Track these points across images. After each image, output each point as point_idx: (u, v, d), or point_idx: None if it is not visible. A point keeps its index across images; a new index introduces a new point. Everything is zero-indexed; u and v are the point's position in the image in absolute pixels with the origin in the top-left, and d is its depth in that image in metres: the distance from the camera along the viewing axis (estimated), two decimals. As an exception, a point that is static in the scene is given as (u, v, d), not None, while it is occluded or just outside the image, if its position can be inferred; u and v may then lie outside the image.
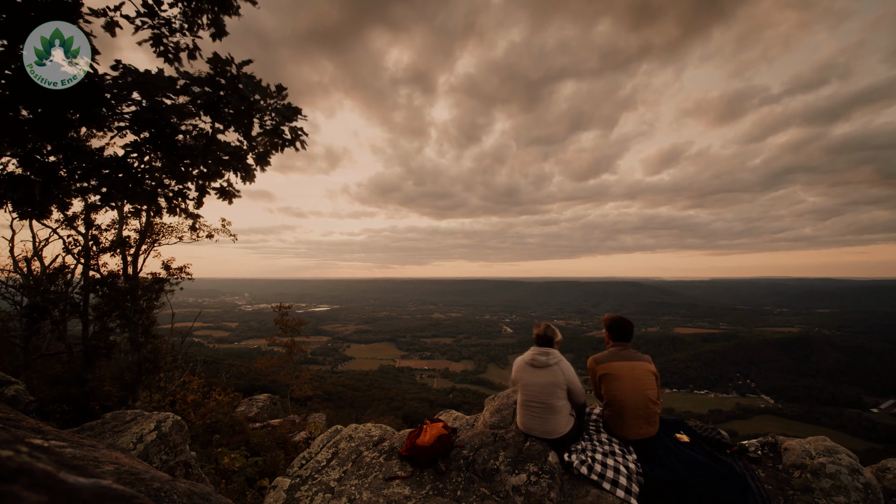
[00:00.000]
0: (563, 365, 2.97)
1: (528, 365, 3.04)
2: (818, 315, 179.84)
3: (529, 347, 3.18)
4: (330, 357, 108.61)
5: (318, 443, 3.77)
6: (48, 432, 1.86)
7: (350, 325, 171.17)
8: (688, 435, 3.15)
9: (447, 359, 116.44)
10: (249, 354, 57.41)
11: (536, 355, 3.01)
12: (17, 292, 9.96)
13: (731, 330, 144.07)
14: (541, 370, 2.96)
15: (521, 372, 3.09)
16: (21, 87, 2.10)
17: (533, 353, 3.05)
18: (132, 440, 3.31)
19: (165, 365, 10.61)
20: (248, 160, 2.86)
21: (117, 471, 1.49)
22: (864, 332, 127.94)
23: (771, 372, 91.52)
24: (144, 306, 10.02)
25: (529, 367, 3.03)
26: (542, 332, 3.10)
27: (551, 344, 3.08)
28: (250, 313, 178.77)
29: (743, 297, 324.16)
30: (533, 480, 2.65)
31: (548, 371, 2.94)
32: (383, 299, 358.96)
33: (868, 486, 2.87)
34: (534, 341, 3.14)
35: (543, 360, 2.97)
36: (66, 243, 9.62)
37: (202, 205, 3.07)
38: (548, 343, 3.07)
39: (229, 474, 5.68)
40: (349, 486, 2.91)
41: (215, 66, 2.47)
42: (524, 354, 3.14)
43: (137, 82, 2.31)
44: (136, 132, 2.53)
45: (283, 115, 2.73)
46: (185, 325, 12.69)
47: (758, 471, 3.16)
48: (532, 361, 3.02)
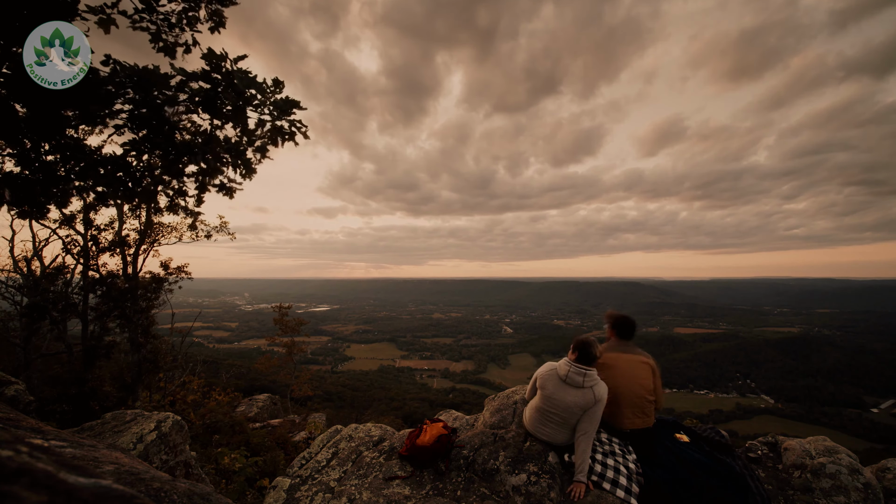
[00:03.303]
0: (598, 389, 2.71)
1: (561, 380, 2.78)
2: (818, 315, 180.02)
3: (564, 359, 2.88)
4: (330, 357, 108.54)
5: (318, 443, 3.77)
6: (48, 432, 1.86)
7: (350, 325, 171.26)
8: (687, 435, 3.16)
9: (447, 359, 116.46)
10: (249, 354, 57.38)
11: (574, 374, 2.73)
12: (17, 292, 9.97)
13: (731, 330, 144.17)
14: (574, 389, 2.73)
15: (548, 382, 2.85)
16: (17, 84, 2.09)
17: (570, 370, 2.76)
18: (132, 440, 3.31)
19: (165, 365, 10.61)
20: (247, 154, 2.86)
21: (117, 471, 1.48)
22: (864, 332, 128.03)
23: (771, 372, 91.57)
24: (144, 306, 10.01)
25: (562, 383, 2.78)
26: (587, 348, 2.77)
27: (592, 363, 2.77)
28: (250, 313, 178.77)
29: (743, 297, 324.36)
30: (533, 480, 2.65)
31: (580, 392, 2.70)
32: (383, 299, 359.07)
33: (868, 486, 2.87)
34: (573, 352, 2.82)
35: (580, 380, 2.71)
36: (66, 243, 9.62)
37: (203, 202, 3.06)
38: (590, 361, 2.76)
39: (229, 474, 5.68)
40: (349, 486, 2.91)
41: (210, 61, 2.46)
42: (559, 364, 2.88)
43: (131, 78, 2.30)
44: (135, 130, 2.53)
45: (281, 108, 2.73)
46: (185, 325, 12.68)
47: (758, 471, 3.16)
48: (567, 379, 2.75)
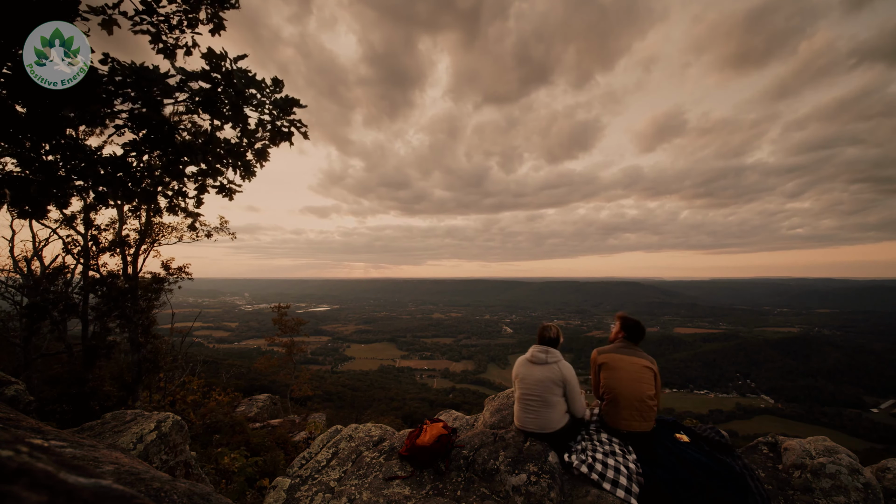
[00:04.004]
0: (562, 364, 3.06)
1: (528, 361, 3.14)
2: (818, 315, 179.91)
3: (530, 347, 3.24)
4: (330, 357, 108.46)
5: (318, 443, 3.77)
6: (48, 432, 1.86)
7: (350, 325, 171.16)
8: (687, 435, 3.16)
9: (447, 359, 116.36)
10: (249, 354, 57.34)
11: (536, 352, 3.11)
12: (17, 292, 9.96)
13: (731, 330, 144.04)
14: (539, 366, 3.06)
15: (520, 367, 3.18)
16: (17, 84, 2.09)
17: (533, 351, 3.15)
18: (132, 440, 3.31)
19: (165, 365, 10.61)
20: (247, 156, 2.86)
21: (117, 471, 1.49)
22: (864, 332, 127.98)
23: (771, 372, 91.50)
24: (144, 306, 10.01)
25: (528, 363, 3.13)
26: (545, 331, 3.20)
27: (554, 344, 3.16)
28: (250, 313, 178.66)
29: (743, 297, 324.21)
30: (533, 480, 2.65)
31: (546, 367, 3.03)
32: (383, 299, 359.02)
33: (868, 486, 2.87)
34: (537, 340, 3.22)
35: (543, 357, 3.06)
36: (66, 243, 9.62)
37: (202, 203, 3.06)
38: (550, 343, 3.16)
39: (229, 474, 5.68)
40: (349, 486, 2.91)
41: (210, 60, 2.46)
42: (526, 352, 3.22)
43: (130, 77, 2.30)
44: (135, 131, 2.53)
45: (281, 107, 2.72)
46: (185, 325, 12.68)
47: (758, 471, 3.16)
48: (532, 358, 3.11)
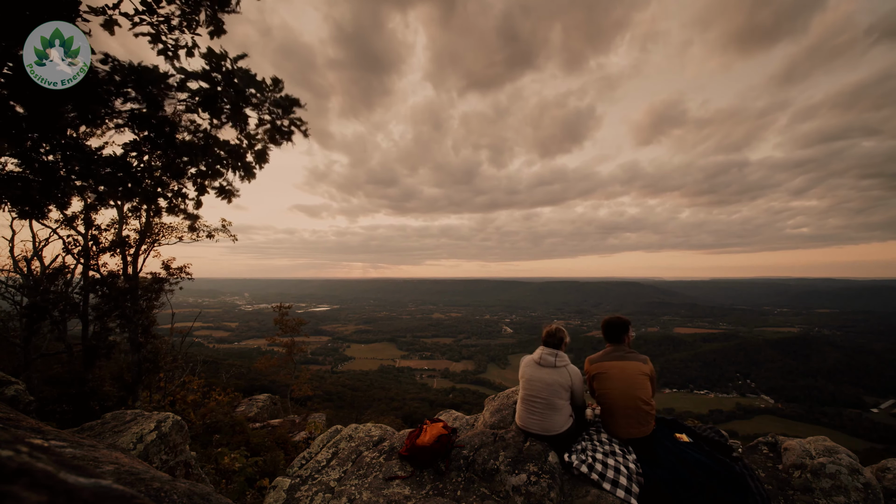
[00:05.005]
0: (570, 368, 3.04)
1: (536, 363, 3.11)
2: (818, 315, 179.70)
3: (537, 348, 3.23)
4: (330, 357, 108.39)
5: (318, 443, 3.77)
6: (48, 432, 1.86)
7: (350, 325, 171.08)
8: (688, 435, 3.15)
9: (447, 359, 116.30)
10: (249, 354, 57.29)
11: (545, 355, 3.08)
12: (17, 292, 9.95)
13: (731, 330, 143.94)
14: (548, 369, 3.03)
15: (527, 368, 3.14)
16: (17, 84, 2.09)
17: (542, 353, 3.12)
18: (132, 440, 3.31)
19: (165, 365, 10.60)
20: (247, 158, 2.86)
21: (117, 471, 1.49)
22: (864, 332, 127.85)
23: (771, 372, 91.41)
24: (144, 306, 10.01)
25: (536, 365, 3.10)
26: (553, 334, 3.16)
27: (560, 346, 3.13)
28: (250, 313, 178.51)
29: (743, 297, 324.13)
30: (533, 480, 2.65)
31: (555, 371, 3.01)
32: (383, 299, 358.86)
33: (868, 486, 2.87)
34: (542, 341, 3.19)
35: (552, 360, 3.04)
36: (66, 243, 9.61)
37: (201, 205, 3.06)
38: (557, 345, 3.13)
39: (229, 474, 5.68)
40: (349, 486, 2.91)
41: (210, 60, 2.46)
42: (533, 353, 3.20)
43: (130, 76, 2.30)
44: (135, 131, 2.53)
45: (282, 107, 2.72)
46: (185, 325, 12.67)
47: (758, 471, 3.16)
48: (540, 360, 3.08)
